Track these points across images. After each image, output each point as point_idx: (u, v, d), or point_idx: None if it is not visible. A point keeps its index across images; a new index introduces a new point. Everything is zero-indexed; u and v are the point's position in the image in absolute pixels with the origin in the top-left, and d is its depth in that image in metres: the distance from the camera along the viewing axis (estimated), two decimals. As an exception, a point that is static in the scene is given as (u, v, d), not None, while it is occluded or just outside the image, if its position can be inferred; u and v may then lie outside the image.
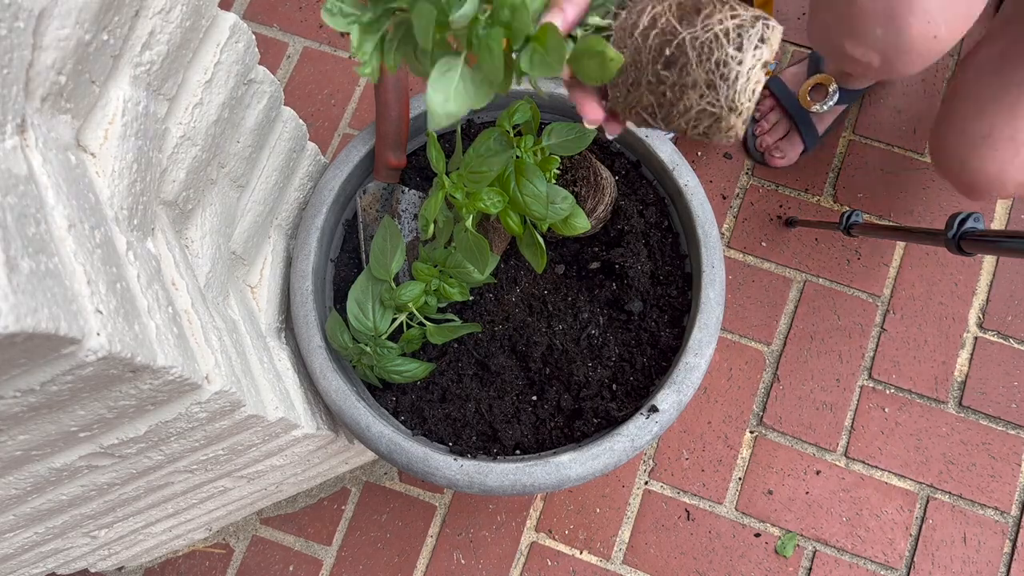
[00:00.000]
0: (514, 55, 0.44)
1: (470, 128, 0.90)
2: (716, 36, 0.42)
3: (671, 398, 0.75)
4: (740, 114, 0.44)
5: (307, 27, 1.30)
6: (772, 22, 0.44)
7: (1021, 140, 0.82)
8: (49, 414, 0.49)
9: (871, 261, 1.16)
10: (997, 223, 1.18)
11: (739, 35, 0.42)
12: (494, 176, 0.67)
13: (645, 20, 0.44)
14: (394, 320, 0.78)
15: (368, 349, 0.77)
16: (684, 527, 1.07)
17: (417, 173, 0.88)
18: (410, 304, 0.77)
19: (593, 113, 0.51)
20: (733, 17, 0.43)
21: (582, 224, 0.71)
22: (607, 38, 0.45)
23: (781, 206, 1.18)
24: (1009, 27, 0.86)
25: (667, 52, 0.43)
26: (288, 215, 0.86)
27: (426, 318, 0.79)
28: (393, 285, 0.77)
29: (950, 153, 0.89)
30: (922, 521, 1.06)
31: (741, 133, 0.46)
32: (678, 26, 0.43)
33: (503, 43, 0.42)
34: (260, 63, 0.71)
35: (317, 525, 1.10)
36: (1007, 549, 1.05)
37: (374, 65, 0.47)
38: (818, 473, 1.08)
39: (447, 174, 0.77)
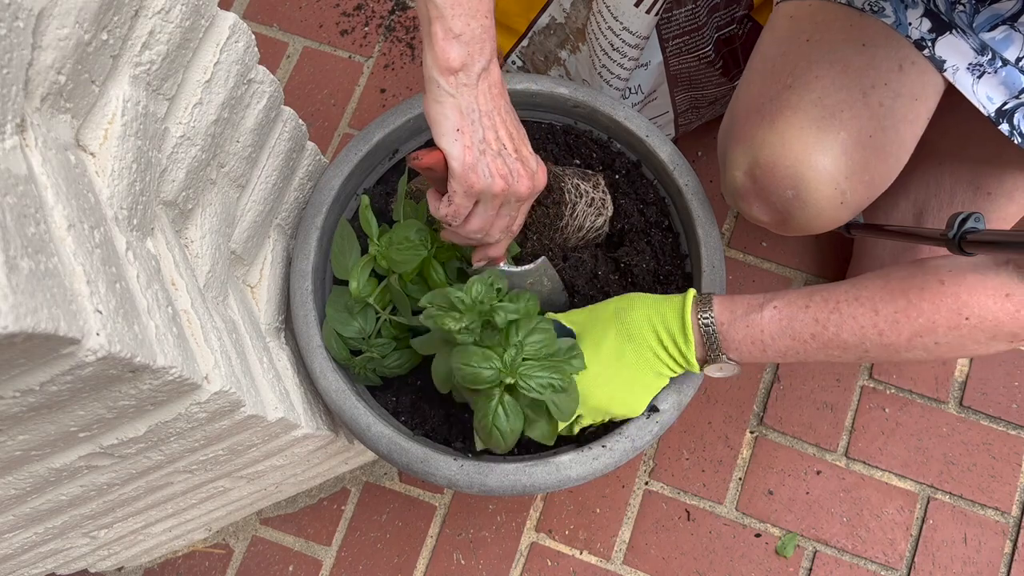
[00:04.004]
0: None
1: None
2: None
3: (671, 398, 0.75)
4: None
5: (307, 27, 1.30)
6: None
7: None
8: (49, 414, 0.49)
9: (871, 261, 1.16)
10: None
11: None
12: (412, 267, 0.74)
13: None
14: (378, 317, 0.78)
15: (369, 352, 0.77)
16: (684, 527, 1.07)
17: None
18: (369, 299, 0.77)
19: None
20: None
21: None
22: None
23: (781, 206, 1.18)
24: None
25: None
26: (288, 215, 0.86)
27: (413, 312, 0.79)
28: (357, 282, 0.77)
29: None
30: (923, 521, 1.06)
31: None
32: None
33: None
34: (260, 63, 0.71)
35: (317, 525, 1.10)
36: (1008, 549, 1.05)
37: None
38: (818, 473, 1.08)
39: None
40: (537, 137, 0.89)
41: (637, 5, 0.88)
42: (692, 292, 0.72)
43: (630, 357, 0.71)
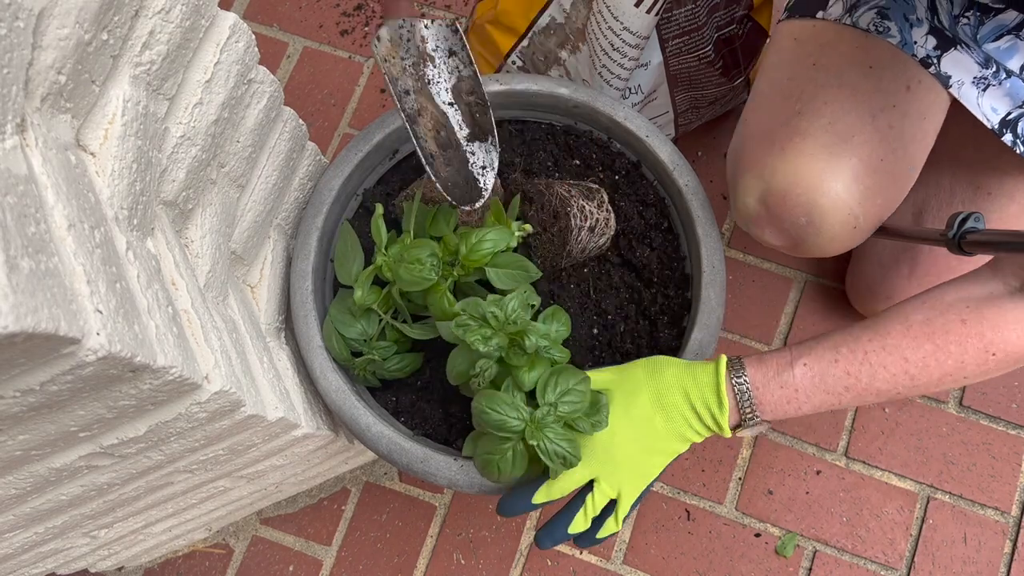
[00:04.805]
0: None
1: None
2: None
3: (671, 398, 0.75)
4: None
5: (307, 27, 1.30)
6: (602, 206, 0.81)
7: None
8: (49, 414, 0.49)
9: (871, 261, 1.15)
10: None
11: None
12: (417, 291, 0.73)
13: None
14: (380, 320, 0.78)
15: (370, 355, 0.77)
16: (684, 527, 1.07)
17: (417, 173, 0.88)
18: (372, 306, 0.77)
19: None
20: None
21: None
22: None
23: (781, 206, 1.18)
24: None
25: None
26: (288, 215, 0.86)
27: (413, 316, 0.79)
28: (362, 291, 0.77)
29: (863, 302, 1.06)
30: (922, 521, 1.06)
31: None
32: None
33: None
34: (260, 63, 0.71)
35: (317, 525, 1.10)
36: (1007, 549, 1.05)
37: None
38: (818, 473, 1.08)
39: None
40: (537, 137, 0.89)
41: (637, 5, 0.88)
42: (724, 358, 0.69)
43: (659, 423, 0.68)
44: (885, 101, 0.75)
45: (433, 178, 0.70)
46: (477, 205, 0.70)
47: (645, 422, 0.68)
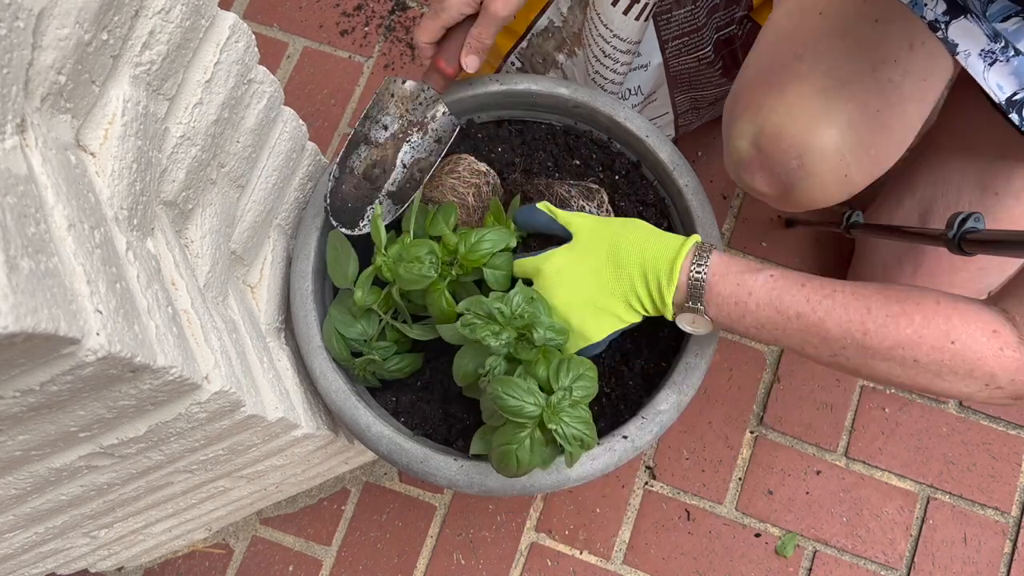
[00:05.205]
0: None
1: (471, 128, 0.90)
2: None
3: (671, 398, 0.75)
4: None
5: (307, 27, 1.30)
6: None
7: None
8: (49, 414, 0.49)
9: (871, 261, 1.15)
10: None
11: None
12: (417, 289, 0.74)
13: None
14: (380, 321, 0.78)
15: (370, 355, 0.77)
16: (684, 527, 1.07)
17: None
18: (373, 306, 0.77)
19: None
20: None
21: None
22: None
23: (781, 206, 1.18)
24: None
25: None
26: (288, 215, 0.86)
27: (413, 316, 0.79)
28: (362, 292, 0.76)
29: None
30: (922, 521, 1.06)
31: None
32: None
33: None
34: (260, 63, 0.71)
35: (317, 525, 1.10)
36: (1007, 549, 1.05)
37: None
38: (818, 473, 1.08)
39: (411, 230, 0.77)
40: (537, 137, 0.89)
41: (626, 12, 0.88)
42: (695, 239, 0.70)
43: (607, 277, 0.70)
44: (888, 55, 0.75)
45: (329, 183, 0.80)
46: (342, 230, 0.79)
47: (595, 274, 0.70)
